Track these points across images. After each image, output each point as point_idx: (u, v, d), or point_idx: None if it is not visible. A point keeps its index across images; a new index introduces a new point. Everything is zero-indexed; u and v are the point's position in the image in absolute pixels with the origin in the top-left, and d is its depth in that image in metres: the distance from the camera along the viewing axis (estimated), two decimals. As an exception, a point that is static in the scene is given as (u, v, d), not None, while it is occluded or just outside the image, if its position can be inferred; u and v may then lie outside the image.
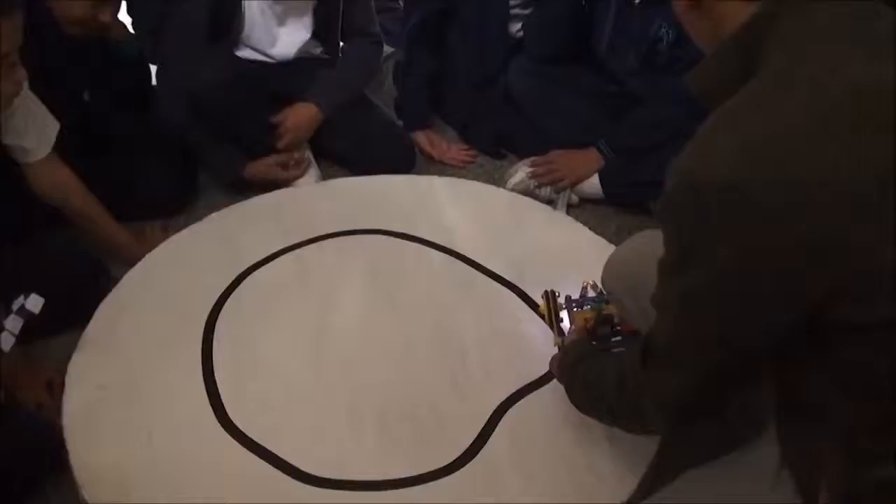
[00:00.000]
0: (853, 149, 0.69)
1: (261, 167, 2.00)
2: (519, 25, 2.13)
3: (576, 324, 1.25)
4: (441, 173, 2.12)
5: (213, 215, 1.68)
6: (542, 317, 1.35)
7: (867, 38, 0.75)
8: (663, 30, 1.83)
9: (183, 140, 1.96)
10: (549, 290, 1.33)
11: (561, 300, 1.31)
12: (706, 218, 0.72)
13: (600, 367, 1.01)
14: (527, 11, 2.11)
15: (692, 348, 0.82)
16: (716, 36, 0.83)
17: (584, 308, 1.28)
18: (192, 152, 2.00)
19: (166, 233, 1.72)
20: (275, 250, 1.56)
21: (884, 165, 0.68)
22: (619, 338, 1.21)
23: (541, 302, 1.35)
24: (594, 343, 1.19)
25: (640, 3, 1.87)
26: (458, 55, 2.13)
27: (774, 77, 0.75)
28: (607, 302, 1.24)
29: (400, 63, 2.25)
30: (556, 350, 1.24)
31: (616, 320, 1.22)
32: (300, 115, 2.02)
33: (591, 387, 1.02)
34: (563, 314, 1.29)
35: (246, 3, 1.94)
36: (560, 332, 1.27)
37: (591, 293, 1.30)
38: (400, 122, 2.22)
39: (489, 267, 1.54)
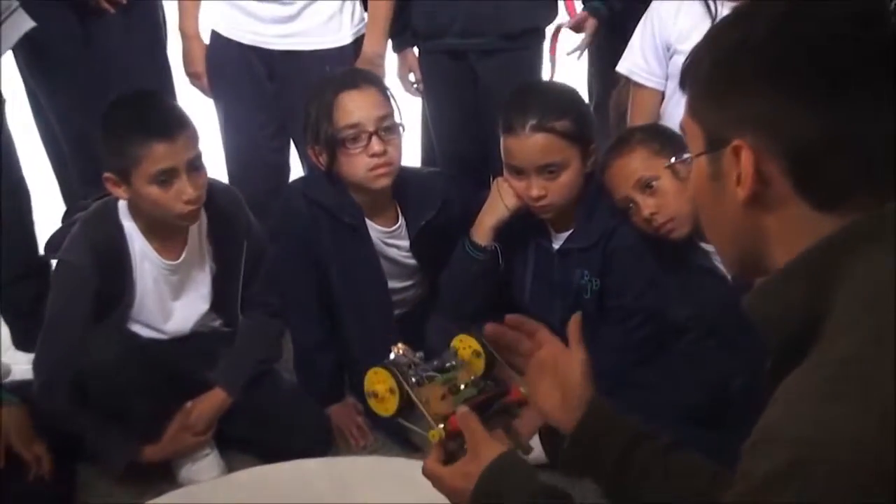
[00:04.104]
0: None
1: (162, 444, 1.93)
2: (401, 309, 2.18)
3: (430, 405, 1.12)
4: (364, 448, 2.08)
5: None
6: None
7: None
8: (585, 279, 1.92)
9: (63, 430, 1.88)
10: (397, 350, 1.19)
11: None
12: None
13: None
14: (407, 285, 2.18)
15: None
16: (739, 238, 0.85)
17: (430, 379, 1.15)
18: (72, 447, 1.91)
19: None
20: (169, 572, 1.47)
21: None
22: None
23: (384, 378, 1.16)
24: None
25: (558, 252, 1.97)
26: (345, 332, 2.13)
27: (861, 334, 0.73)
28: (450, 366, 1.16)
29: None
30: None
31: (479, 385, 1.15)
32: (208, 406, 1.99)
33: None
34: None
35: (137, 274, 1.94)
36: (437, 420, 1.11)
37: (405, 357, 1.18)
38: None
39: (426, 566, 1.47)
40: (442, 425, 1.10)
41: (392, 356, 1.18)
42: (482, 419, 1.10)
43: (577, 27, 2.47)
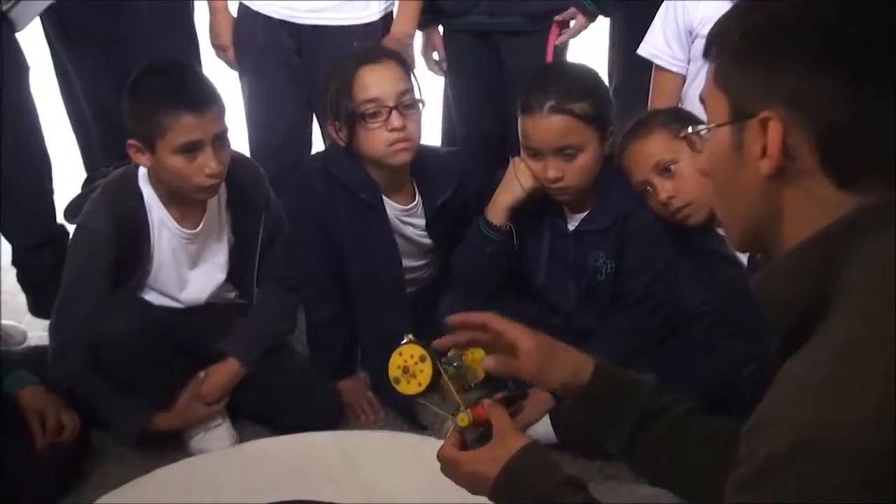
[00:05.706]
0: None
1: (174, 413, 1.95)
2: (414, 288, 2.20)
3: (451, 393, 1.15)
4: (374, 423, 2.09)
5: (105, 498, 1.61)
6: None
7: None
8: (601, 261, 1.92)
9: (78, 397, 1.90)
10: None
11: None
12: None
13: None
14: (421, 264, 2.19)
15: None
16: (745, 212, 0.85)
17: (445, 371, 1.17)
18: (86, 413, 1.93)
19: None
20: (178, 537, 1.49)
21: None
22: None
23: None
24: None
25: (573, 233, 1.97)
26: (357, 308, 2.14)
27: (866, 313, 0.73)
28: (458, 366, 1.17)
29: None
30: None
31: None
32: (221, 376, 2.00)
33: None
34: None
35: (155, 242, 1.95)
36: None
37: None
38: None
39: (434, 540, 1.47)
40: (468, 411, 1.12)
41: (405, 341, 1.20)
42: None
43: (567, 20, 2.46)
